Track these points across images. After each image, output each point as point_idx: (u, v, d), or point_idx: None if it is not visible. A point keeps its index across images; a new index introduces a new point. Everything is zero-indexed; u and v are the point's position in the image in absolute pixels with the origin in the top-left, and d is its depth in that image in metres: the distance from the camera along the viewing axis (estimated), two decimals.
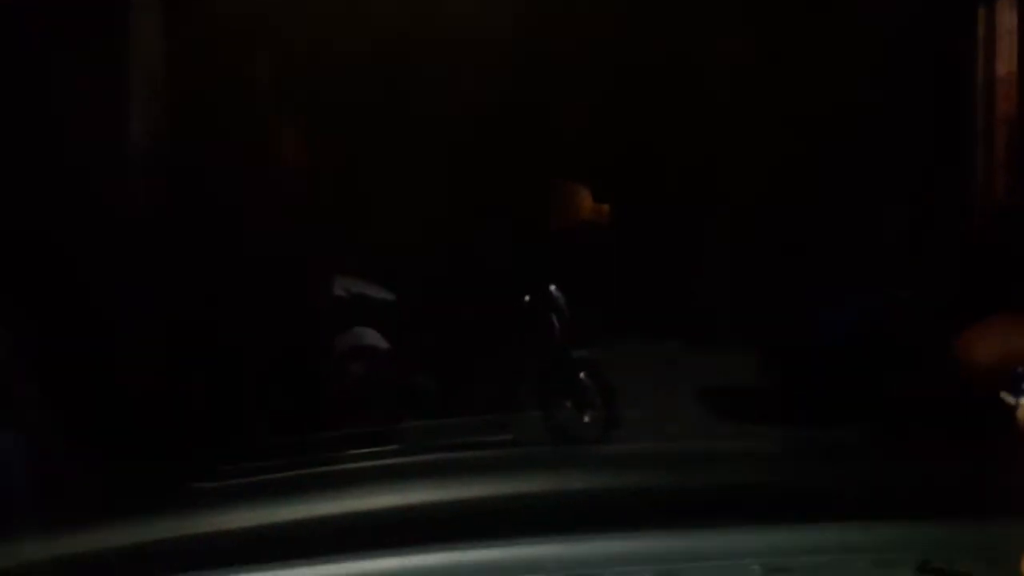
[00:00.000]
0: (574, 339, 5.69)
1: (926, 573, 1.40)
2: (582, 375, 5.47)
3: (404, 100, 6.23)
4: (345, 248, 6.01)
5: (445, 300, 6.07)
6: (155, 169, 4.72)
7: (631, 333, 6.23)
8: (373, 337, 5.86)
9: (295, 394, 4.80)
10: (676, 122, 6.81)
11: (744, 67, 6.74)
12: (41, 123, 3.90)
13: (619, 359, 5.81)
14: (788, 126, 6.37)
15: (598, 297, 6.00)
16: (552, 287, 5.78)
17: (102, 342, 3.67)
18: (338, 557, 1.46)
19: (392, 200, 6.32)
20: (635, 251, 6.85)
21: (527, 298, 5.88)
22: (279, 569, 1.43)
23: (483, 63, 6.27)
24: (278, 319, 4.98)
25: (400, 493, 1.63)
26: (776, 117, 6.48)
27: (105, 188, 4.18)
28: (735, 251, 6.73)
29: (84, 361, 3.38)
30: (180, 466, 3.08)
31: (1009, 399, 1.40)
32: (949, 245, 5.12)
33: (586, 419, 5.36)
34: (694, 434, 4.92)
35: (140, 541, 1.52)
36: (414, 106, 6.26)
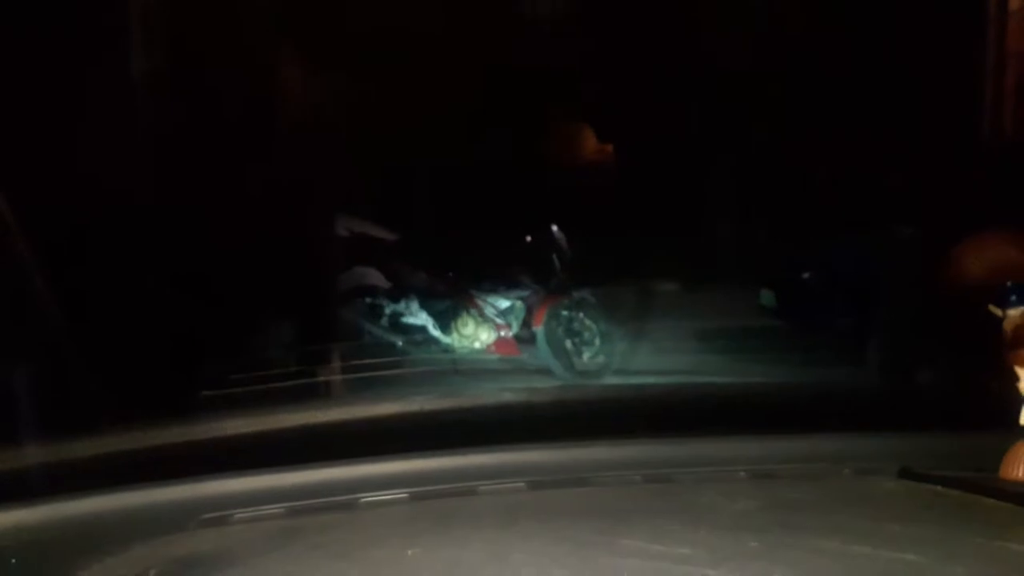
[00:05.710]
0: (574, 278, 5.72)
1: (907, 478, 1.44)
2: (581, 314, 5.51)
3: (409, 37, 6.19)
4: (353, 187, 6.03)
5: (445, 238, 6.09)
6: (166, 104, 4.75)
7: (630, 272, 6.26)
8: (374, 276, 5.91)
9: (301, 316, 4.86)
10: (679, 61, 6.77)
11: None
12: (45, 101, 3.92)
13: (617, 298, 5.85)
14: (793, 65, 6.34)
15: (599, 236, 6.01)
16: (553, 226, 5.78)
17: (116, 259, 3.71)
18: (340, 461, 1.50)
19: (395, 139, 6.31)
20: (636, 191, 6.85)
21: (528, 238, 5.88)
22: (281, 472, 1.48)
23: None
24: (286, 244, 5.03)
25: (401, 401, 1.68)
26: (780, 56, 6.44)
27: (122, 134, 4.21)
28: (735, 191, 6.73)
29: (99, 277, 3.42)
30: (190, 375, 3.14)
31: (997, 311, 1.43)
32: (952, 184, 5.12)
33: (584, 358, 5.42)
34: (689, 370, 4.98)
35: (151, 445, 1.57)
36: (419, 42, 6.23)
